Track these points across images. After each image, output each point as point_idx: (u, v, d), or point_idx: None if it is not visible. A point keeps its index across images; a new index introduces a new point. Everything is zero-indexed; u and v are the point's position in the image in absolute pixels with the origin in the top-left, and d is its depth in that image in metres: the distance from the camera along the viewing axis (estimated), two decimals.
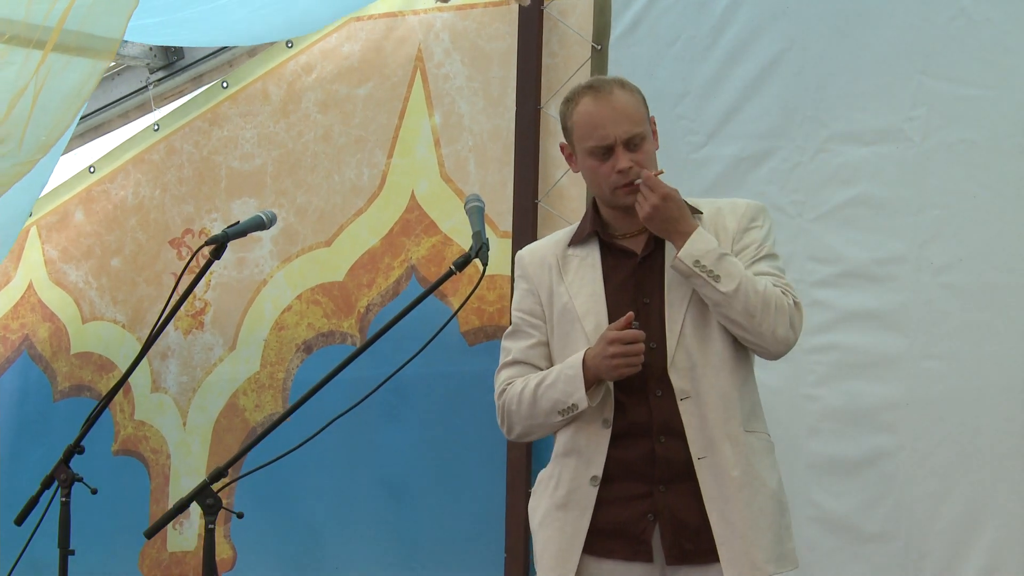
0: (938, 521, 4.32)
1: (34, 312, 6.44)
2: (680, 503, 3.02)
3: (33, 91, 3.86)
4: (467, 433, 5.49)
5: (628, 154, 3.06)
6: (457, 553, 5.47)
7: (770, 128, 4.68)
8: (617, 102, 3.08)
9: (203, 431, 5.96)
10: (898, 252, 4.42)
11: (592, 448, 3.06)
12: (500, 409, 3.16)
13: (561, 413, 3.04)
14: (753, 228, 3.15)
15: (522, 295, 3.21)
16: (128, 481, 6.09)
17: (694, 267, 2.99)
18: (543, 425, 3.10)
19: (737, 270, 3.00)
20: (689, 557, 3.02)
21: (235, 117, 6.01)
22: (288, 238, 5.88)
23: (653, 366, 3.04)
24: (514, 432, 3.16)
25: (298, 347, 5.82)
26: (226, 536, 5.86)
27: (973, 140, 4.34)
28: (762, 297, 3.00)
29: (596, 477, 3.04)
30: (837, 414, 4.48)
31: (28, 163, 4.06)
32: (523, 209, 5.30)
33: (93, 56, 4.00)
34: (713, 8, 4.81)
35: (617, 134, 3.06)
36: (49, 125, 4.00)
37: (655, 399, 3.05)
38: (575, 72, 5.21)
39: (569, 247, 3.18)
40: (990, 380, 4.25)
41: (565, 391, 3.03)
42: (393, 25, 5.72)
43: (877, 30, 4.52)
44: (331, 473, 5.70)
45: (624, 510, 3.05)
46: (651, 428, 3.04)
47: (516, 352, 3.17)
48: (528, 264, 3.22)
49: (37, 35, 3.81)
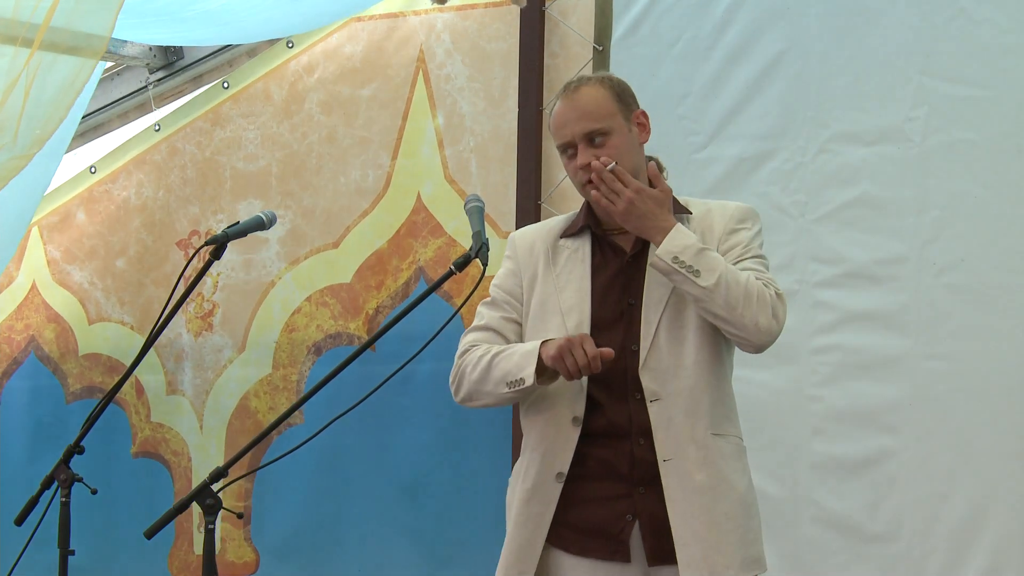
0: (941, 521, 4.32)
1: (38, 313, 6.45)
2: (659, 504, 3.01)
3: (24, 85, 3.87)
4: (475, 433, 5.50)
5: (591, 150, 3.05)
6: (467, 551, 5.48)
7: (771, 128, 4.68)
8: (579, 100, 3.08)
9: (217, 433, 5.97)
10: (900, 253, 4.42)
11: (559, 445, 3.05)
12: (456, 368, 3.15)
13: (509, 385, 3.03)
14: (741, 230, 3.12)
15: (506, 274, 3.21)
16: (151, 483, 6.12)
17: (672, 263, 2.96)
18: (491, 393, 3.09)
19: (717, 263, 2.98)
20: (671, 557, 3.01)
21: (237, 118, 6.02)
22: (295, 239, 5.88)
23: (633, 369, 3.04)
24: (460, 393, 3.16)
25: (309, 349, 5.82)
26: (247, 539, 5.88)
27: (973, 140, 4.34)
28: (743, 288, 2.97)
29: (561, 474, 3.04)
30: (840, 415, 4.48)
31: (25, 156, 4.06)
32: (525, 210, 5.31)
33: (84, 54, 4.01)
34: (714, 9, 4.81)
35: (575, 131, 3.06)
36: (43, 119, 4.00)
37: (634, 401, 3.04)
38: (576, 73, 5.20)
39: (561, 238, 3.18)
40: (992, 380, 4.25)
41: (518, 364, 3.01)
42: (394, 26, 5.73)
43: (878, 31, 4.52)
44: (351, 474, 5.72)
45: (602, 509, 3.04)
46: (630, 430, 3.04)
47: (489, 319, 3.17)
48: (519, 247, 3.22)
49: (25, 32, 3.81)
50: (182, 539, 5.98)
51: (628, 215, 3.00)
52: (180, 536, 5.98)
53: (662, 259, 2.97)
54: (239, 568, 5.87)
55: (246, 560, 5.88)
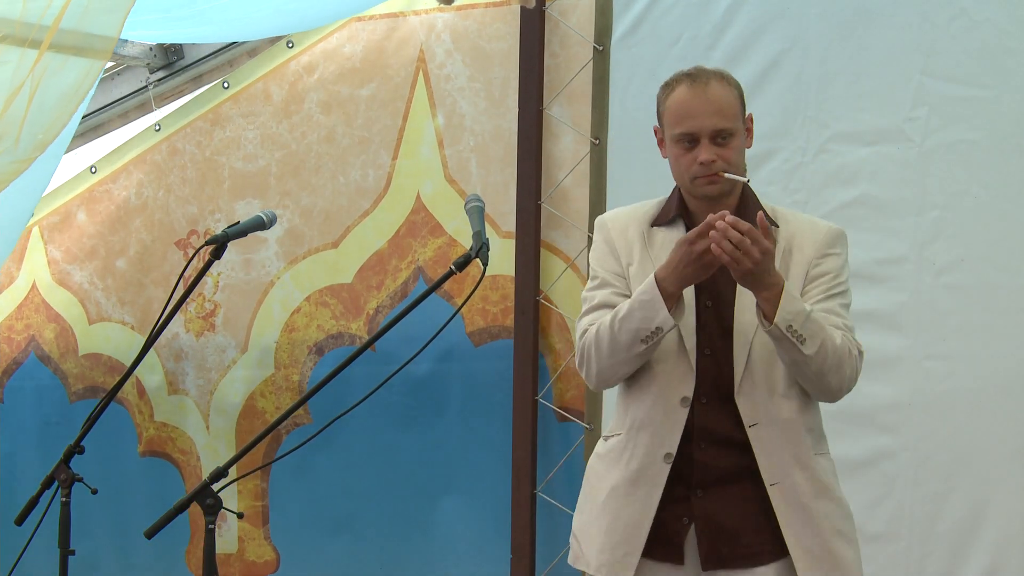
0: (940, 521, 4.32)
1: (39, 313, 6.45)
2: (717, 508, 3.01)
3: (29, 89, 3.85)
4: (474, 433, 5.50)
5: (714, 148, 3.02)
6: (464, 552, 5.49)
7: (771, 128, 4.68)
8: (711, 93, 3.04)
9: (226, 433, 5.98)
10: (899, 252, 4.42)
11: (668, 424, 3.02)
12: (580, 353, 3.09)
13: (644, 341, 2.96)
14: (831, 255, 3.11)
15: (604, 255, 3.14)
16: (161, 482, 6.12)
17: (787, 332, 2.92)
18: (626, 360, 3.01)
19: (819, 329, 2.94)
20: (726, 562, 3.02)
21: (237, 117, 6.02)
22: (294, 240, 5.88)
23: (700, 372, 3.02)
24: (592, 373, 3.07)
25: (310, 349, 5.83)
26: (266, 538, 5.89)
27: (974, 140, 4.34)
28: (837, 356, 2.97)
29: (670, 455, 3.01)
30: (839, 415, 4.45)
31: (26, 161, 4.05)
32: (525, 210, 5.30)
33: (90, 55, 4.00)
34: (714, 9, 4.82)
35: (705, 125, 3.02)
36: (46, 123, 3.99)
37: (699, 405, 3.03)
38: (577, 73, 5.21)
39: (653, 225, 3.13)
40: (992, 380, 4.26)
41: (645, 317, 2.94)
42: (394, 26, 5.73)
43: (878, 30, 4.52)
44: (360, 474, 5.73)
45: (660, 511, 3.03)
46: (691, 433, 3.03)
47: (602, 298, 3.09)
48: (612, 229, 3.16)
49: (33, 34, 3.80)
50: (198, 536, 5.98)
51: (750, 274, 2.92)
52: (196, 533, 5.98)
53: (779, 327, 2.92)
54: (260, 568, 5.88)
55: (267, 559, 5.89)
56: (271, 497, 5.86)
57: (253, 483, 5.85)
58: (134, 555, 6.16)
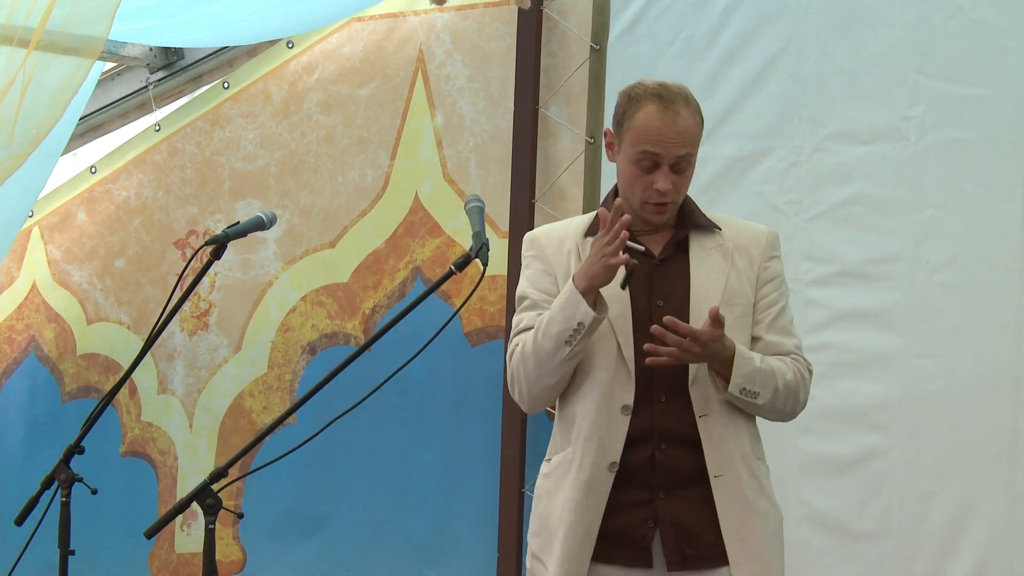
0: (929, 520, 4.32)
1: (39, 313, 6.46)
2: (680, 509, 3.02)
3: (21, 85, 3.85)
4: (466, 433, 5.50)
5: (672, 176, 3.03)
6: (451, 553, 5.48)
7: (767, 127, 4.69)
8: (681, 123, 3.02)
9: (209, 432, 5.96)
10: (894, 251, 4.43)
11: (611, 435, 3.02)
12: (510, 376, 3.10)
13: (568, 342, 2.96)
14: (775, 258, 3.17)
15: (538, 275, 3.13)
16: (136, 483, 6.09)
17: (741, 394, 3.00)
18: (553, 369, 3.01)
19: (770, 377, 3.02)
20: (690, 563, 3.02)
21: (237, 118, 6.02)
22: (292, 239, 5.89)
23: (657, 371, 3.02)
24: (524, 392, 3.08)
25: (303, 348, 5.83)
26: (235, 538, 5.88)
27: (969, 139, 4.35)
28: (789, 391, 3.06)
29: (614, 464, 3.02)
30: (829, 413, 4.48)
31: (20, 156, 4.05)
32: (520, 209, 5.30)
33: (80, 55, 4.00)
34: (711, 8, 4.82)
35: (669, 152, 3.02)
36: (39, 119, 3.99)
37: (659, 404, 3.04)
38: (574, 72, 5.22)
39: (586, 236, 3.13)
40: (982, 379, 4.26)
41: (566, 317, 2.95)
42: (394, 26, 5.73)
43: (874, 30, 4.53)
44: (343, 473, 5.72)
45: (626, 516, 3.04)
46: (652, 434, 3.03)
47: (528, 320, 3.08)
48: (545, 246, 3.15)
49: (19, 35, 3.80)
50: (163, 539, 5.96)
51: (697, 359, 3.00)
52: (161, 536, 5.94)
53: (734, 393, 3.00)
54: (225, 567, 5.83)
55: (232, 559, 5.86)
56: (244, 496, 5.84)
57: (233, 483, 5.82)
58: (97, 556, 6.05)
